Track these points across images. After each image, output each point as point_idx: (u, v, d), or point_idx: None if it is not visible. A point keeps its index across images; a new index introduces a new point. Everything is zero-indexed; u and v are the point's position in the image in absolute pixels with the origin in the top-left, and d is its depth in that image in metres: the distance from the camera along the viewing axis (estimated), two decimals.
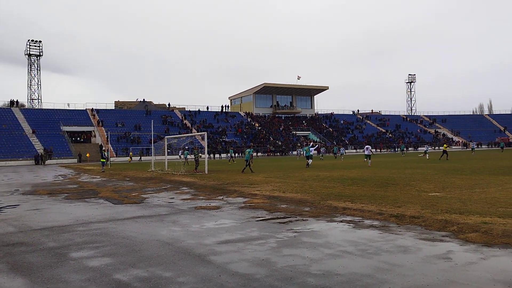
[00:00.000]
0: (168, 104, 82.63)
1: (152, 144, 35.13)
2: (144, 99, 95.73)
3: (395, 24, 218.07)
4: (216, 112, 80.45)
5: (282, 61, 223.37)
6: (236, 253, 6.14)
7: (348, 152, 64.81)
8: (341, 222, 8.38)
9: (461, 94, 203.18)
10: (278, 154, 67.60)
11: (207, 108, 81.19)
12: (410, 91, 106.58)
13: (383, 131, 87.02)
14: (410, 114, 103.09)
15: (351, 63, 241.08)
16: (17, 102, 69.43)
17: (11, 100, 68.32)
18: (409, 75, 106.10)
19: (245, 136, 71.93)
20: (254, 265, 5.49)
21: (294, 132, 78.74)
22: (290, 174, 21.56)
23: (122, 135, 63.33)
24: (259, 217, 9.26)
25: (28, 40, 74.53)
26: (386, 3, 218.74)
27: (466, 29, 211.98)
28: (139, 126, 66.62)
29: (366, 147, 31.12)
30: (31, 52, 74.97)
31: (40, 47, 75.35)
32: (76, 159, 54.47)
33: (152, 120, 38.53)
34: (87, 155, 55.06)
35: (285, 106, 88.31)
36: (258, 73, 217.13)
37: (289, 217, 9.12)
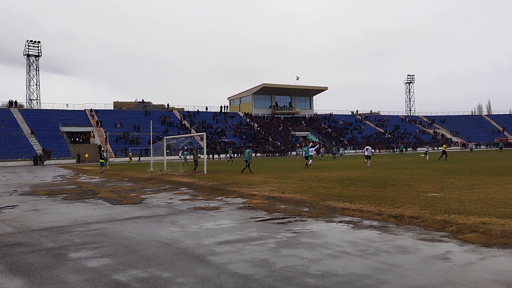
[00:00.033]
0: (167, 105, 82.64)
1: (151, 145, 35.13)
2: (143, 100, 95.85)
3: (395, 24, 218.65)
4: (215, 112, 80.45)
5: (281, 61, 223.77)
6: (235, 253, 6.14)
7: (347, 152, 64.88)
8: (340, 222, 8.37)
9: (460, 94, 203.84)
10: (277, 154, 67.60)
11: (206, 108, 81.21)
12: (409, 92, 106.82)
13: (382, 131, 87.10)
14: (409, 115, 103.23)
15: (351, 63, 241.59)
16: (15, 102, 69.31)
17: (10, 101, 68.25)
18: (408, 75, 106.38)
19: (244, 137, 71.94)
20: (253, 265, 5.49)
21: (293, 133, 78.78)
22: (289, 174, 21.56)
23: (121, 136, 63.28)
24: (258, 217, 9.25)
25: (27, 41, 74.54)
26: (386, 3, 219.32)
27: (466, 29, 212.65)
28: (138, 126, 66.58)
29: (366, 147, 30.35)
30: (30, 53, 74.95)
31: (39, 48, 75.37)
32: (75, 160, 54.46)
33: (151, 121, 38.57)
34: (86, 155, 55.00)
35: (284, 106, 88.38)
36: (258, 73, 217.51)
37: (288, 217, 9.12)
